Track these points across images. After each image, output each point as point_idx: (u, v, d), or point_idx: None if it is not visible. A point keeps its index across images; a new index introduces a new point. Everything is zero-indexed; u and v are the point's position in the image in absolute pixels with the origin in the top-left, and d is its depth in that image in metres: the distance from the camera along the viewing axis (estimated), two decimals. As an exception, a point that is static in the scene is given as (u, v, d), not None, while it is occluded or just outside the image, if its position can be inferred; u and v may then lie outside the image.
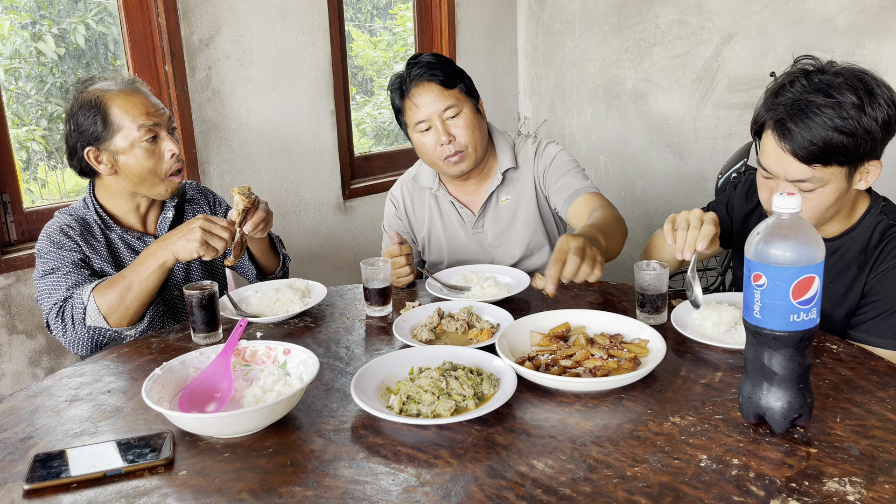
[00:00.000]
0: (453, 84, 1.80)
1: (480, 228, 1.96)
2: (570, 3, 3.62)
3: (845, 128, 1.25)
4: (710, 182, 3.32)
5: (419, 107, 1.79)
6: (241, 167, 2.75)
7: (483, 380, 1.16)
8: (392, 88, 1.85)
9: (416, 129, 1.82)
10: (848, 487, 0.89)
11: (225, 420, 1.06)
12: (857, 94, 1.26)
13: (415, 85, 1.79)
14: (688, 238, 1.34)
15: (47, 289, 1.60)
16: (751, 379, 1.03)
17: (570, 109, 3.76)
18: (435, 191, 1.97)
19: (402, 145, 3.56)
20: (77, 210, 1.72)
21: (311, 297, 1.65)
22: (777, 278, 0.96)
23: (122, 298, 1.54)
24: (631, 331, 1.35)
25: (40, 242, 1.65)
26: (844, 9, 2.80)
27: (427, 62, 1.80)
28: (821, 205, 1.34)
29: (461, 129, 1.80)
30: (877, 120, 1.26)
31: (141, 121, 1.63)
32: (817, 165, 1.29)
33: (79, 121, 1.63)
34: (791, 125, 1.28)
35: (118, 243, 1.72)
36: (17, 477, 1.00)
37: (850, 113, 1.25)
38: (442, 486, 0.94)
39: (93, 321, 1.54)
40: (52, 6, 2.43)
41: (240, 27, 2.65)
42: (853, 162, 1.30)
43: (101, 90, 1.64)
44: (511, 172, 1.94)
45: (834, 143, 1.26)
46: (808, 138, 1.27)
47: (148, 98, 1.67)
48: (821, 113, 1.26)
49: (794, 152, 1.29)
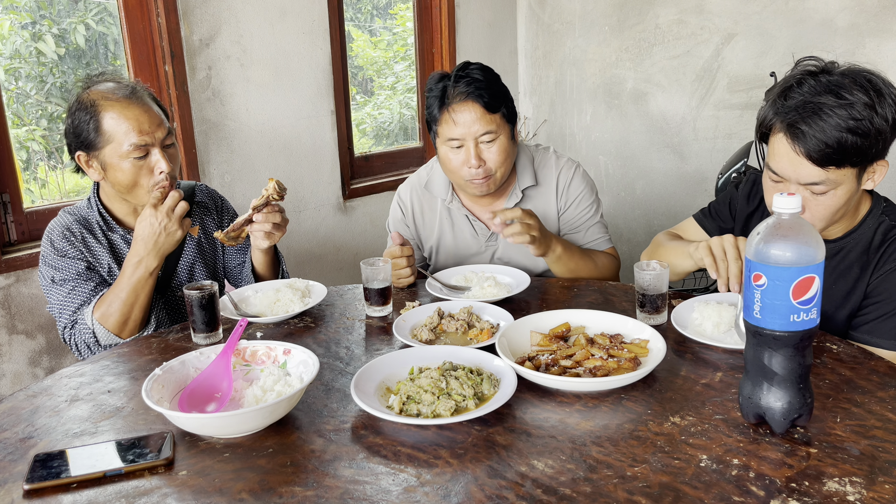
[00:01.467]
0: (497, 108, 1.74)
1: (494, 242, 1.93)
2: (570, 3, 3.62)
3: (858, 128, 1.24)
4: (710, 182, 3.32)
5: (457, 124, 1.72)
6: (241, 167, 2.75)
7: (483, 380, 1.16)
8: (432, 94, 1.77)
9: (447, 143, 1.76)
10: (848, 487, 0.89)
11: (225, 420, 1.06)
12: (867, 94, 1.25)
13: (458, 101, 1.72)
14: (732, 269, 1.33)
15: (57, 304, 1.63)
16: (751, 379, 1.03)
17: (570, 109, 3.76)
18: (448, 203, 1.92)
19: (402, 145, 3.57)
20: (80, 210, 1.72)
21: (311, 297, 1.65)
22: (777, 278, 0.96)
23: (127, 316, 1.57)
24: (631, 331, 1.35)
25: (43, 246, 1.66)
26: (844, 9, 2.80)
27: (476, 79, 1.73)
28: (832, 206, 1.33)
29: (494, 154, 1.75)
30: (887, 119, 1.26)
31: (132, 139, 1.58)
32: (831, 168, 1.27)
33: (75, 122, 1.61)
34: (804, 127, 1.26)
35: (120, 243, 1.72)
36: (17, 477, 1.00)
37: (863, 113, 1.24)
38: (442, 486, 0.94)
39: (107, 340, 1.58)
40: (52, 6, 2.43)
41: (240, 27, 2.65)
42: (865, 162, 1.29)
43: (101, 95, 1.61)
44: (530, 190, 1.90)
45: (848, 143, 1.25)
46: (822, 140, 1.25)
47: (145, 112, 1.61)
48: (833, 114, 1.25)
49: (809, 154, 1.27)
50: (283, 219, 1.66)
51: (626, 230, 3.67)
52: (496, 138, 1.74)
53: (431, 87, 1.79)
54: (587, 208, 1.92)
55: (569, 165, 1.92)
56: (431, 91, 1.78)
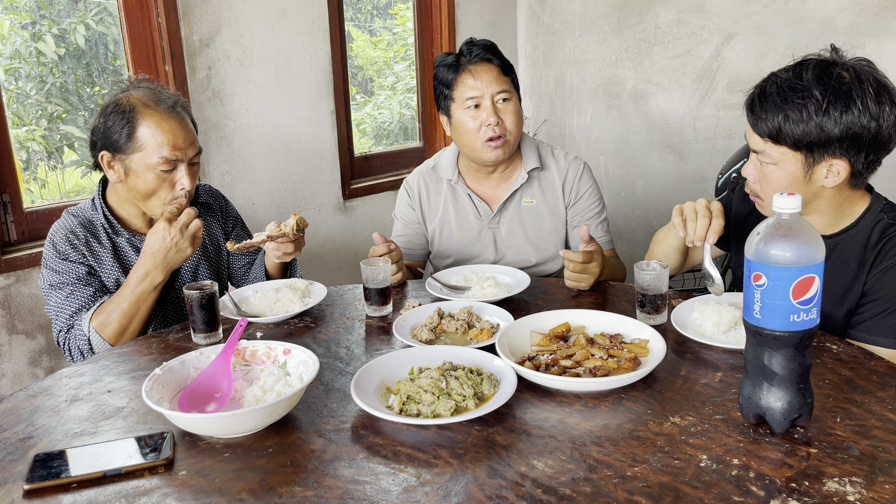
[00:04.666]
0: (509, 72, 1.84)
1: (496, 224, 1.97)
2: (570, 3, 3.62)
3: (794, 115, 1.31)
4: (710, 182, 3.32)
5: (476, 80, 1.80)
6: (241, 167, 2.75)
7: (483, 380, 1.16)
8: (443, 64, 1.85)
9: (463, 105, 1.82)
10: (848, 487, 0.89)
11: (225, 420, 1.06)
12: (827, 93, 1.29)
13: (475, 62, 1.81)
14: (698, 227, 1.41)
15: (54, 307, 1.62)
16: (751, 379, 1.03)
17: (570, 109, 3.76)
18: (454, 182, 1.98)
19: (402, 145, 3.57)
20: (84, 211, 1.71)
21: (311, 297, 1.65)
22: (777, 278, 0.96)
23: (125, 327, 1.57)
24: (631, 331, 1.35)
25: (46, 248, 1.65)
26: (844, 9, 2.80)
27: (487, 45, 1.84)
28: (774, 184, 1.40)
29: (509, 114, 1.83)
30: (838, 121, 1.29)
31: (165, 152, 1.59)
32: (769, 141, 1.36)
33: (108, 123, 1.61)
34: (756, 100, 1.37)
35: (125, 247, 1.71)
36: (17, 477, 1.00)
37: (809, 105, 1.30)
38: (442, 486, 0.94)
39: (100, 348, 1.57)
40: (52, 6, 2.43)
41: (240, 27, 2.65)
42: (804, 150, 1.33)
43: (141, 102, 1.60)
44: (536, 172, 1.95)
45: (780, 124, 1.33)
46: (761, 114, 1.35)
47: (182, 128, 1.62)
48: (783, 95, 1.33)
49: (752, 124, 1.38)
50: (296, 248, 1.67)
51: (626, 230, 3.67)
52: (511, 98, 1.84)
53: (441, 61, 1.86)
54: (594, 204, 1.97)
55: (578, 161, 1.98)
56: (442, 62, 1.86)
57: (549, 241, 1.95)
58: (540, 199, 1.95)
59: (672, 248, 1.65)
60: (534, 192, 1.95)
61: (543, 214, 1.95)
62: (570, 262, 1.61)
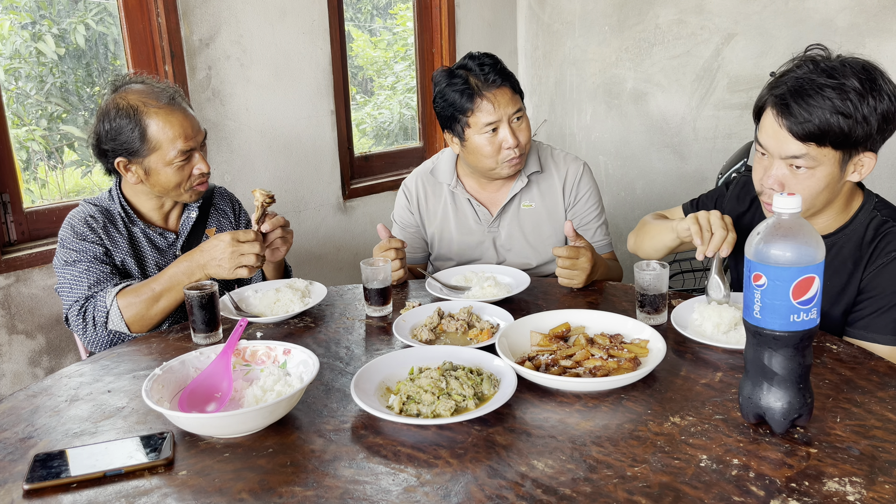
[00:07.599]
0: (518, 89, 1.86)
1: (496, 228, 1.97)
2: (570, 3, 3.62)
3: (844, 109, 1.27)
4: (710, 182, 3.32)
5: (497, 107, 1.79)
6: (241, 167, 2.75)
7: (483, 380, 1.16)
8: (454, 90, 1.80)
9: (481, 130, 1.80)
10: (848, 487, 0.89)
11: (225, 420, 1.06)
12: (860, 81, 1.28)
13: (494, 87, 1.79)
14: (715, 240, 1.40)
15: (68, 282, 1.62)
16: (751, 379, 1.03)
17: (570, 109, 3.76)
18: (452, 187, 1.97)
19: (402, 145, 3.57)
20: (102, 201, 1.74)
21: (311, 297, 1.65)
22: (777, 278, 0.96)
23: (147, 310, 1.57)
24: (631, 331, 1.35)
25: (63, 230, 1.67)
26: (844, 9, 2.80)
27: (499, 68, 1.81)
28: (811, 187, 1.36)
29: (523, 131, 1.84)
30: (876, 109, 1.28)
31: (179, 145, 1.63)
32: (811, 144, 1.31)
33: (115, 128, 1.62)
34: (791, 101, 1.31)
35: (140, 238, 1.74)
36: (17, 477, 1.00)
37: (851, 97, 1.27)
38: (442, 486, 0.94)
39: (114, 325, 1.57)
40: (52, 6, 2.43)
41: (240, 27, 2.65)
42: (847, 146, 1.31)
43: (140, 100, 1.62)
44: (535, 176, 1.95)
45: (831, 123, 1.28)
46: (806, 115, 1.29)
47: (187, 118, 1.67)
48: (821, 92, 1.28)
49: (791, 128, 1.31)
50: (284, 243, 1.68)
51: (627, 230, 3.67)
52: (523, 114, 1.85)
53: (446, 83, 1.82)
54: (593, 207, 1.97)
55: (578, 162, 1.98)
56: (452, 88, 1.80)
57: (548, 244, 1.96)
58: (539, 203, 1.95)
59: (664, 248, 1.65)
60: (533, 195, 1.95)
61: (543, 217, 1.95)
62: (558, 257, 1.64)
